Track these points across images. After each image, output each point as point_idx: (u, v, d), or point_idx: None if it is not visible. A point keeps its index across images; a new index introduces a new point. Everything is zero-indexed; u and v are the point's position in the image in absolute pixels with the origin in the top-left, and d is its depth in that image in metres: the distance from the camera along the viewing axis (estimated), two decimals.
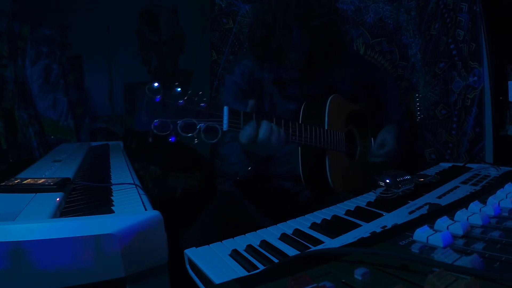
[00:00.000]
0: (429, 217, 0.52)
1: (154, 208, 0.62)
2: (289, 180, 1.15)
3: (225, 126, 0.75)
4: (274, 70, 1.16)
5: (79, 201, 0.73)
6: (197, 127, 0.70)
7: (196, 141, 0.72)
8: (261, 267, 0.48)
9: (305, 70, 1.15)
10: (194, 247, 0.55)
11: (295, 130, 0.91)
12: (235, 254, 0.53)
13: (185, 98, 0.70)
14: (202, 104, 0.72)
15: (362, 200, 0.79)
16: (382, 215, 0.66)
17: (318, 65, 1.14)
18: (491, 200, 0.54)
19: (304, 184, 1.09)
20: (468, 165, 1.03)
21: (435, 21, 1.62)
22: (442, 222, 0.47)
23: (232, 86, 1.17)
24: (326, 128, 1.03)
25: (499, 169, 0.94)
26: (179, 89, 0.69)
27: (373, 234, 0.55)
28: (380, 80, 1.34)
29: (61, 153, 1.39)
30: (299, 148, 1.07)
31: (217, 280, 0.45)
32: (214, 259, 0.52)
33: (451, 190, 0.78)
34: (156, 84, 0.66)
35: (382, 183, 0.74)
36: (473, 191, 0.75)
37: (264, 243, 0.57)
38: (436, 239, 0.42)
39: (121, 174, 1.00)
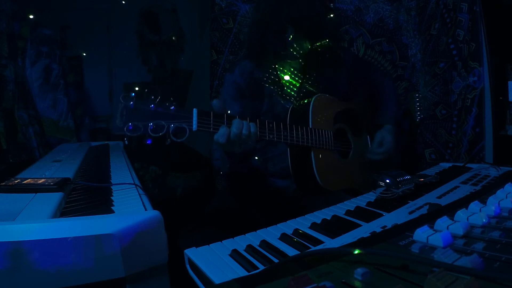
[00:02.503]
0: (429, 217, 0.52)
1: (154, 208, 0.62)
2: (285, 178, 1.15)
3: (194, 126, 0.81)
4: (274, 70, 1.17)
5: (79, 201, 0.73)
6: (165, 128, 0.77)
7: (168, 142, 0.78)
8: (261, 267, 0.48)
9: (303, 70, 1.17)
10: (194, 247, 0.55)
11: (272, 129, 0.93)
12: (235, 254, 0.53)
13: (156, 103, 0.77)
14: (172, 107, 0.78)
15: (362, 200, 0.79)
16: (382, 215, 0.66)
17: (315, 66, 1.15)
18: (491, 200, 0.54)
19: (294, 183, 1.09)
20: (468, 165, 1.03)
21: (435, 21, 1.62)
22: (442, 222, 0.47)
23: (231, 85, 1.19)
24: (310, 127, 1.04)
25: (499, 169, 0.94)
26: (152, 96, 0.77)
27: (373, 234, 0.55)
28: (377, 80, 1.34)
29: (61, 153, 1.39)
30: (288, 148, 1.08)
31: (217, 280, 0.45)
32: (214, 259, 0.52)
33: (451, 190, 0.78)
34: (132, 94, 0.75)
35: (382, 183, 0.74)
36: (473, 191, 0.75)
37: (264, 243, 0.57)
38: (436, 239, 0.42)
39: (121, 174, 1.00)
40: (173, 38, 2.52)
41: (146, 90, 0.77)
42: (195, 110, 0.81)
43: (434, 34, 1.63)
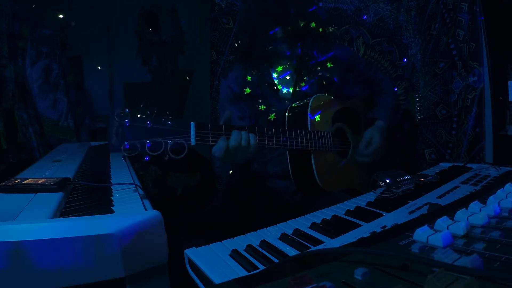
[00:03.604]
0: (429, 217, 0.52)
1: (154, 208, 0.62)
2: (285, 179, 1.15)
3: (193, 141, 0.79)
4: (267, 72, 1.17)
5: (79, 201, 0.73)
6: (163, 145, 0.75)
7: (166, 158, 0.76)
8: (261, 267, 0.48)
9: (297, 71, 1.16)
10: (194, 247, 0.55)
11: (271, 136, 0.92)
12: (235, 254, 0.53)
13: (152, 119, 0.75)
14: (168, 123, 0.77)
15: (362, 200, 0.79)
16: (382, 215, 0.66)
17: (309, 65, 1.15)
18: (491, 200, 0.54)
19: (294, 185, 1.09)
20: (468, 165, 1.03)
21: (435, 21, 1.62)
22: (442, 222, 0.47)
23: (226, 91, 1.19)
24: (309, 129, 1.03)
25: (499, 169, 0.94)
26: (147, 111, 0.76)
27: (373, 234, 0.55)
28: (373, 77, 1.33)
29: (61, 153, 1.39)
30: (287, 150, 1.07)
31: (217, 280, 0.45)
32: (214, 259, 0.52)
33: (451, 190, 0.78)
34: (126, 110, 0.73)
35: (382, 183, 0.74)
36: (473, 191, 0.75)
37: (264, 243, 0.57)
38: (436, 239, 0.42)
39: (121, 174, 1.00)
40: (173, 38, 2.52)
41: (141, 105, 0.76)
42: (192, 124, 0.79)
43: (434, 34, 1.63)
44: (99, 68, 2.41)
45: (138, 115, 0.75)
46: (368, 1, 1.83)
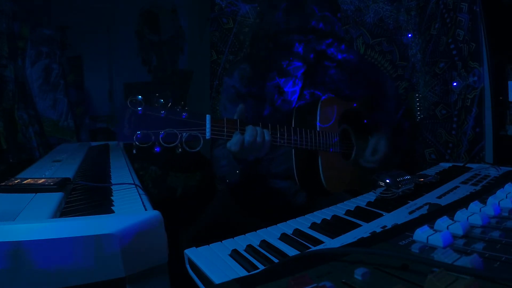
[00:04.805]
0: (429, 217, 0.52)
1: (154, 208, 0.62)
2: (287, 179, 1.15)
3: (208, 134, 0.77)
4: (274, 75, 1.16)
5: (79, 201, 0.73)
6: (179, 136, 0.72)
7: (179, 151, 0.73)
8: (261, 267, 0.48)
9: (305, 73, 1.16)
10: (194, 247, 0.55)
11: (283, 134, 0.91)
12: (235, 254, 0.53)
13: (167, 109, 0.71)
14: (184, 114, 0.73)
15: (362, 200, 0.79)
16: (382, 215, 0.66)
17: (318, 70, 1.14)
18: (491, 200, 0.54)
19: (298, 185, 1.09)
20: (468, 165, 1.03)
21: (435, 21, 1.62)
22: (442, 222, 0.47)
23: (230, 90, 1.16)
24: (318, 130, 1.03)
25: (499, 169, 0.94)
26: (161, 100, 0.71)
27: (373, 234, 0.55)
28: (378, 81, 1.33)
29: (61, 153, 1.39)
30: (293, 150, 1.07)
31: (217, 280, 0.45)
32: (214, 259, 0.52)
33: (451, 190, 0.78)
34: (139, 97, 0.69)
35: (382, 183, 0.74)
36: (473, 191, 0.75)
37: (264, 243, 0.57)
38: (436, 239, 0.42)
39: (121, 174, 1.00)
40: (173, 38, 2.52)
41: (157, 94, 0.72)
42: (208, 116, 0.76)
43: (434, 34, 1.63)
44: (99, 68, 2.41)
45: (151, 103, 0.70)
46: (368, 1, 1.83)
